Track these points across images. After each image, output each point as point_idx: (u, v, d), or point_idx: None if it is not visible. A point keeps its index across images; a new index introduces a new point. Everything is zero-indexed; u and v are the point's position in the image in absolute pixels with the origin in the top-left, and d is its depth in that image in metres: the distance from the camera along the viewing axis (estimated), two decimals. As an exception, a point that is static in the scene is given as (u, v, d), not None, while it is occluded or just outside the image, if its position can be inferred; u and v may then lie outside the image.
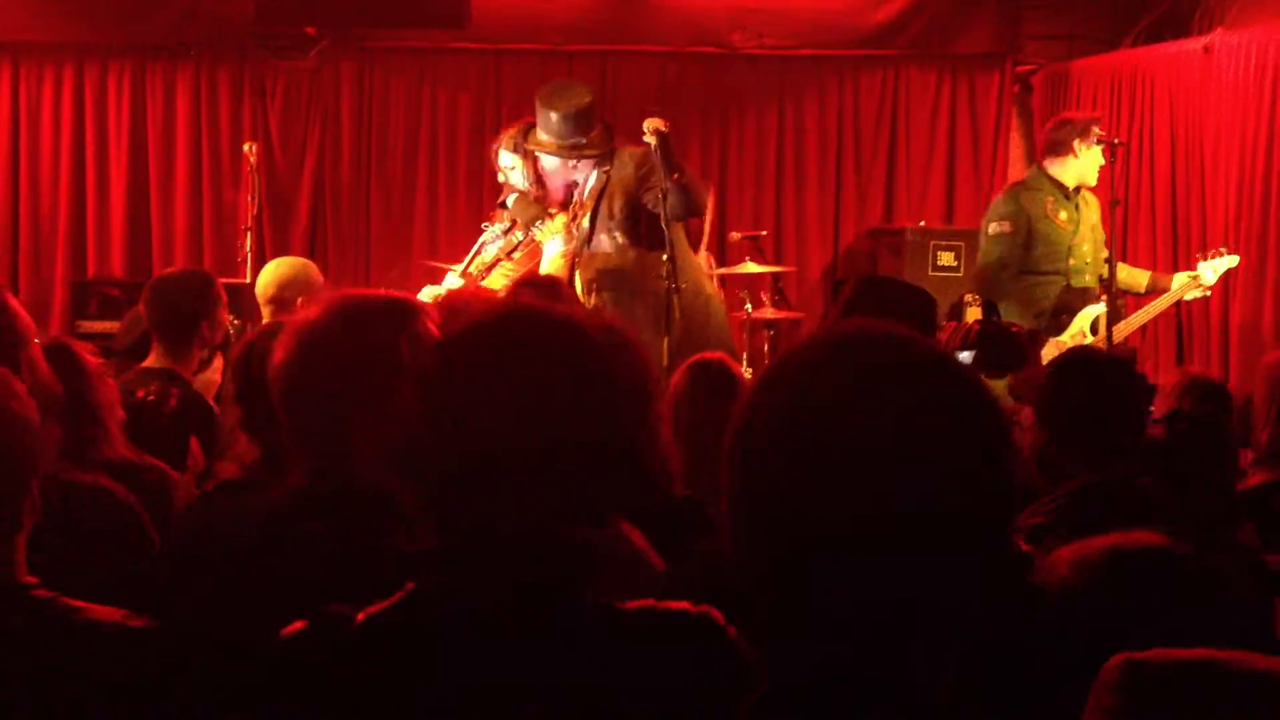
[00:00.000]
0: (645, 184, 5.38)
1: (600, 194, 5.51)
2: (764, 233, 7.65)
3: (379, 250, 8.08)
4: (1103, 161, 5.78)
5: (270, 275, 4.87)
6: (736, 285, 6.95)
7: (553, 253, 5.64)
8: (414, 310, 2.05)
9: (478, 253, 5.59)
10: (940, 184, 8.37)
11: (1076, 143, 5.82)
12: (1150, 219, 7.67)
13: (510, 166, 5.72)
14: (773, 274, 7.26)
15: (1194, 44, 7.46)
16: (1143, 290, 5.95)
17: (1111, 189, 5.72)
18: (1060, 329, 5.69)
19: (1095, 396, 2.82)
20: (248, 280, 5.78)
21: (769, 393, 1.12)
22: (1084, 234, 5.82)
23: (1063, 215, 5.78)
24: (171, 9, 7.84)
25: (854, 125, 8.40)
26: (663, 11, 8.04)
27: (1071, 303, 5.74)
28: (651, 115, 5.34)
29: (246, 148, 6.71)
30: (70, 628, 1.77)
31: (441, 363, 1.50)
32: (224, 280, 4.85)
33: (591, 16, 8.02)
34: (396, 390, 1.96)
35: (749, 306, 6.87)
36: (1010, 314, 5.63)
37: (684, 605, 1.45)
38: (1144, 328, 6.46)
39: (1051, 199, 5.80)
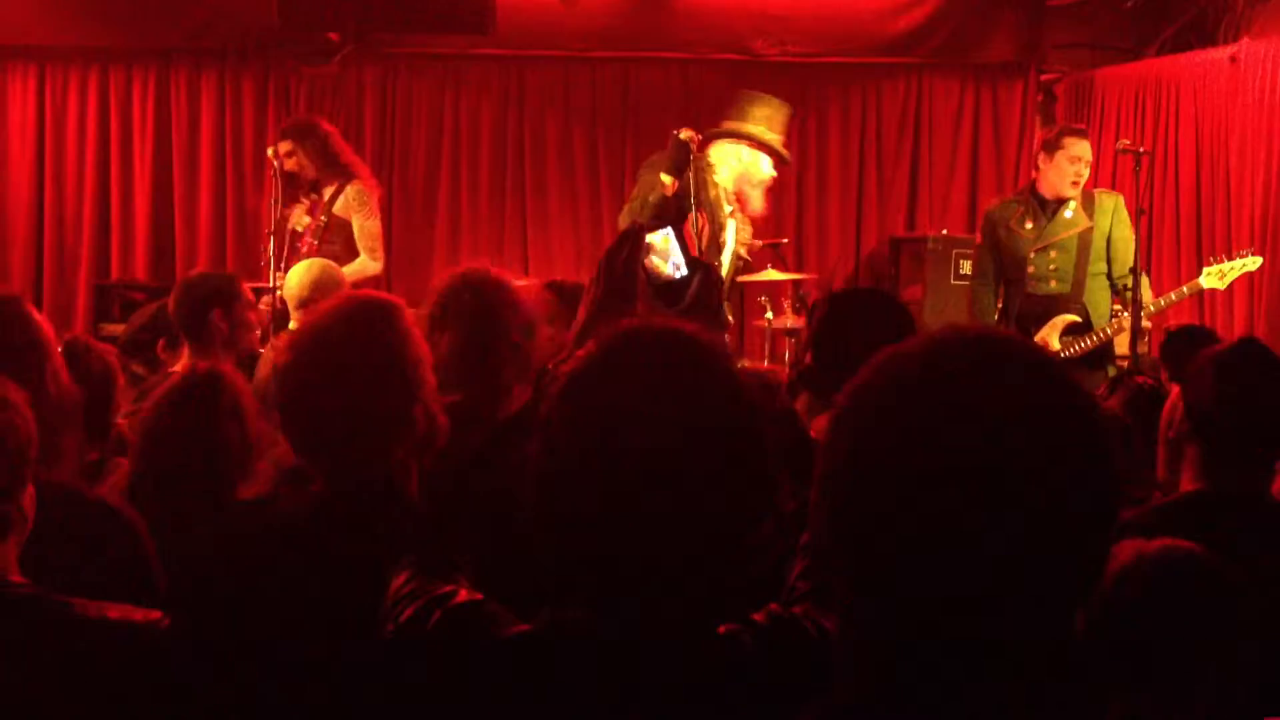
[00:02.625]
0: None
1: None
2: (785, 240, 7.62)
3: (400, 255, 8.08)
4: (1072, 176, 5.76)
5: (302, 277, 4.88)
6: (757, 292, 6.93)
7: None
8: (399, 306, 2.13)
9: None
10: (963, 192, 8.35)
11: (1041, 155, 5.89)
12: (1174, 228, 7.63)
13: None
14: (794, 281, 7.24)
15: (1220, 53, 7.42)
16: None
17: (1136, 198, 5.68)
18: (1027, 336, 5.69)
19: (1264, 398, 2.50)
20: (271, 284, 5.79)
21: (869, 404, 1.08)
22: (1055, 242, 5.80)
23: (1028, 225, 5.83)
24: (195, 14, 7.87)
25: (876, 133, 8.38)
26: (685, 18, 8.04)
27: (1033, 309, 5.77)
28: (684, 127, 5.55)
29: (270, 152, 6.72)
30: (62, 622, 1.78)
31: (589, 382, 1.48)
32: (248, 284, 4.87)
33: (614, 23, 8.02)
34: (395, 388, 2.00)
35: (770, 314, 6.86)
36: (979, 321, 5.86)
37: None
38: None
39: (1023, 209, 5.87)
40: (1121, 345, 5.74)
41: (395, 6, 7.37)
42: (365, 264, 6.32)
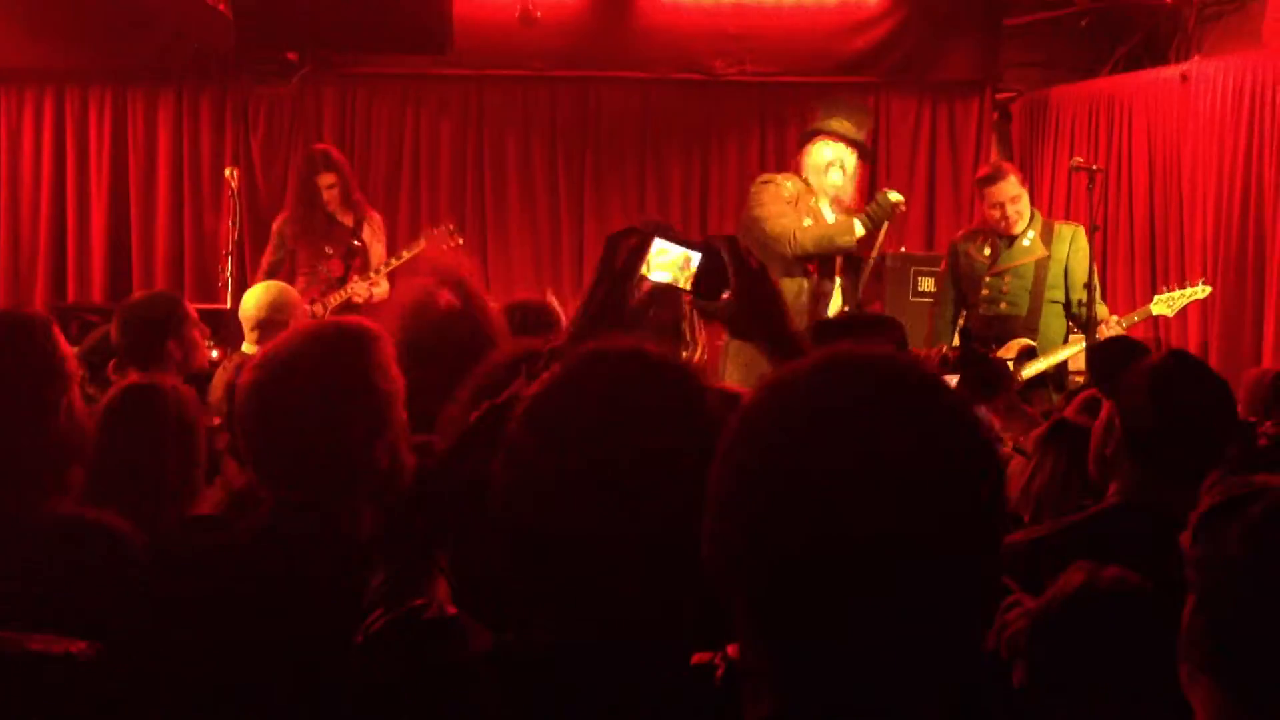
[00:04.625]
0: None
1: None
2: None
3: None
4: (998, 219, 5.94)
5: (258, 298, 4.87)
6: (718, 310, 6.95)
7: None
8: (376, 336, 2.05)
9: None
10: (920, 210, 8.40)
11: (977, 197, 6.18)
12: (1129, 245, 7.71)
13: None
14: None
15: (1171, 71, 7.52)
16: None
17: (1090, 215, 5.76)
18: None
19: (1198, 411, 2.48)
20: (229, 306, 5.76)
21: (762, 415, 1.11)
22: (1010, 267, 5.92)
23: (986, 251, 6.01)
24: (154, 35, 7.82)
25: (834, 151, 8.42)
26: (644, 38, 8.06)
27: (985, 330, 5.90)
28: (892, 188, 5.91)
29: (228, 173, 6.69)
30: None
31: (552, 405, 1.45)
32: (205, 306, 4.85)
33: (574, 43, 8.03)
34: (359, 421, 1.97)
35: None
36: (941, 342, 6.03)
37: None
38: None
39: (983, 237, 6.06)
40: (1076, 362, 5.82)
41: (353, 27, 7.34)
42: (385, 287, 6.43)
